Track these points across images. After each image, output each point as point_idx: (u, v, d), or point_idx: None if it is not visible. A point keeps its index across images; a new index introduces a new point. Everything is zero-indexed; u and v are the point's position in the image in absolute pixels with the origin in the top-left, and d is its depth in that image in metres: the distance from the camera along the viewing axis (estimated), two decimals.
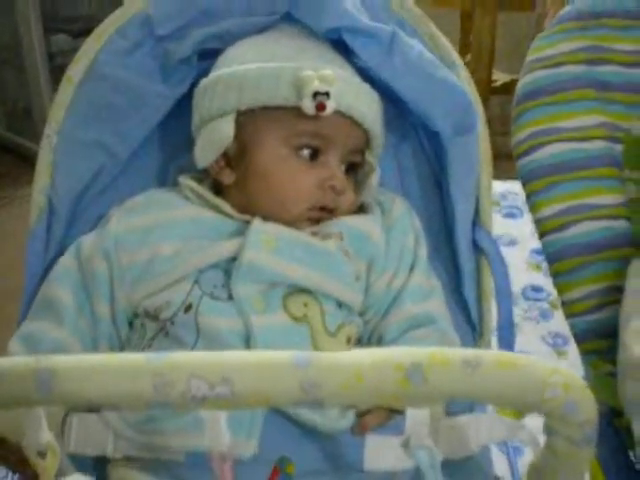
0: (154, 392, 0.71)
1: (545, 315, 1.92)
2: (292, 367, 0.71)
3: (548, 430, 0.78)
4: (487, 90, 3.17)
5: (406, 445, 0.80)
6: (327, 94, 1.03)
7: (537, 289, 2.00)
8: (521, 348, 1.88)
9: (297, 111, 1.05)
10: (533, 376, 0.72)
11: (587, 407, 0.75)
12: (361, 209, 1.14)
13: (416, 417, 0.79)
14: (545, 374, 0.73)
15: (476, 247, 1.18)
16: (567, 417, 0.75)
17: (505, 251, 2.09)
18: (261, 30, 1.17)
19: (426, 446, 0.80)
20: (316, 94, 1.03)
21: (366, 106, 1.10)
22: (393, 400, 0.73)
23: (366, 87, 1.12)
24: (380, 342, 1.07)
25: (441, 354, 0.72)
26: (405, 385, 0.70)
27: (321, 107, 1.04)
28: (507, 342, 1.15)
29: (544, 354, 1.82)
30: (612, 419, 1.14)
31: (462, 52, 3.58)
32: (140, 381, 0.71)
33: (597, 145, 1.26)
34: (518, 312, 1.95)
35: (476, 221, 1.18)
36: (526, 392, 0.73)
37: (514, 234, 2.12)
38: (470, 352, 0.73)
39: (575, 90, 1.28)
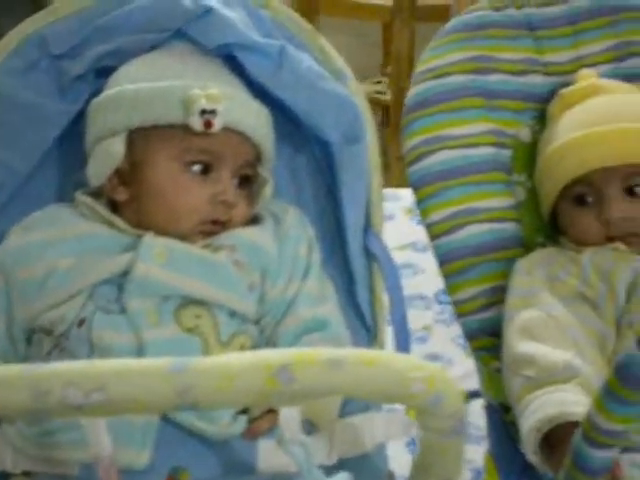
0: (33, 401, 0.73)
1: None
2: (166, 373, 0.74)
3: (420, 424, 0.82)
4: None
5: (280, 441, 0.84)
6: (214, 112, 1.07)
7: None
8: (434, 350, 1.93)
9: (186, 128, 1.09)
10: (396, 372, 0.76)
11: (452, 400, 0.79)
12: (255, 220, 1.17)
13: (287, 414, 0.83)
14: (408, 369, 0.76)
15: (368, 252, 1.22)
16: (434, 410, 0.78)
17: (419, 257, 2.15)
18: (154, 47, 1.20)
19: (299, 441, 0.84)
20: (203, 112, 1.07)
21: (254, 121, 1.13)
22: (263, 400, 0.77)
23: (254, 103, 1.16)
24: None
25: (308, 354, 0.75)
26: (273, 385, 0.74)
27: (208, 124, 1.07)
28: (402, 344, 1.19)
29: (455, 355, 1.87)
30: (502, 414, 1.19)
31: (385, 62, 3.64)
32: (19, 391, 0.73)
33: (484, 151, 1.31)
34: (432, 316, 2.01)
35: (367, 227, 1.22)
36: (390, 387, 0.76)
37: (427, 240, 2.18)
38: (335, 351, 0.76)
39: (463, 99, 1.33)
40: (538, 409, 1.05)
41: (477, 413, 1.24)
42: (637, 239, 1.22)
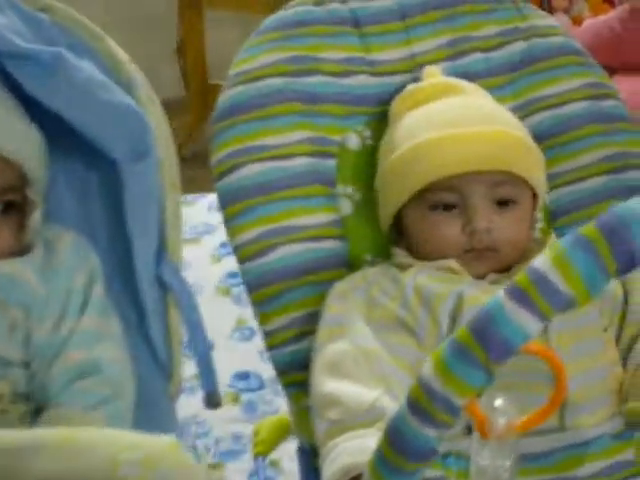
0: None
1: None
2: None
3: None
4: None
5: None
6: None
7: None
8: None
9: None
10: (102, 456, 0.64)
11: (184, 477, 0.67)
12: (26, 250, 1.03)
13: None
14: (117, 451, 0.65)
15: (162, 282, 1.09)
16: None
17: None
18: None
19: None
20: None
21: (12, 141, 1.01)
22: None
23: (16, 121, 1.03)
24: (45, 395, 0.98)
25: None
26: None
27: None
28: (207, 378, 1.07)
29: None
30: (312, 458, 1.07)
31: None
32: None
33: (302, 162, 1.19)
34: None
35: (161, 254, 1.09)
36: (94, 473, 0.64)
37: None
38: (28, 434, 0.64)
39: (278, 105, 1.20)
40: (336, 458, 0.94)
41: None
42: (494, 254, 1.10)
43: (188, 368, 1.14)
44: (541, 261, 0.68)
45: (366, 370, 1.01)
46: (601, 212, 1.23)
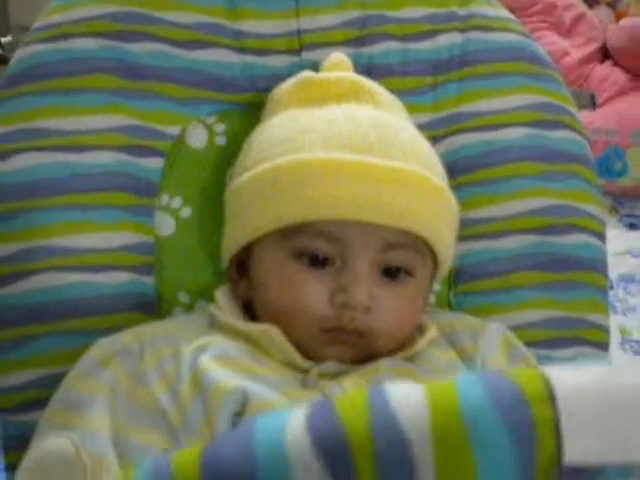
0: None
1: None
2: None
3: None
4: None
5: None
6: None
7: None
8: None
9: None
10: None
11: None
12: None
13: None
14: None
15: None
16: None
17: None
18: None
19: None
20: None
21: None
22: None
23: None
24: None
25: None
26: None
27: None
28: None
29: None
30: None
31: None
32: None
33: (104, 158, 0.86)
34: None
35: None
36: None
37: None
38: None
39: (85, 75, 0.88)
40: None
41: None
42: (364, 341, 0.77)
43: None
44: None
45: None
46: (515, 286, 0.93)
